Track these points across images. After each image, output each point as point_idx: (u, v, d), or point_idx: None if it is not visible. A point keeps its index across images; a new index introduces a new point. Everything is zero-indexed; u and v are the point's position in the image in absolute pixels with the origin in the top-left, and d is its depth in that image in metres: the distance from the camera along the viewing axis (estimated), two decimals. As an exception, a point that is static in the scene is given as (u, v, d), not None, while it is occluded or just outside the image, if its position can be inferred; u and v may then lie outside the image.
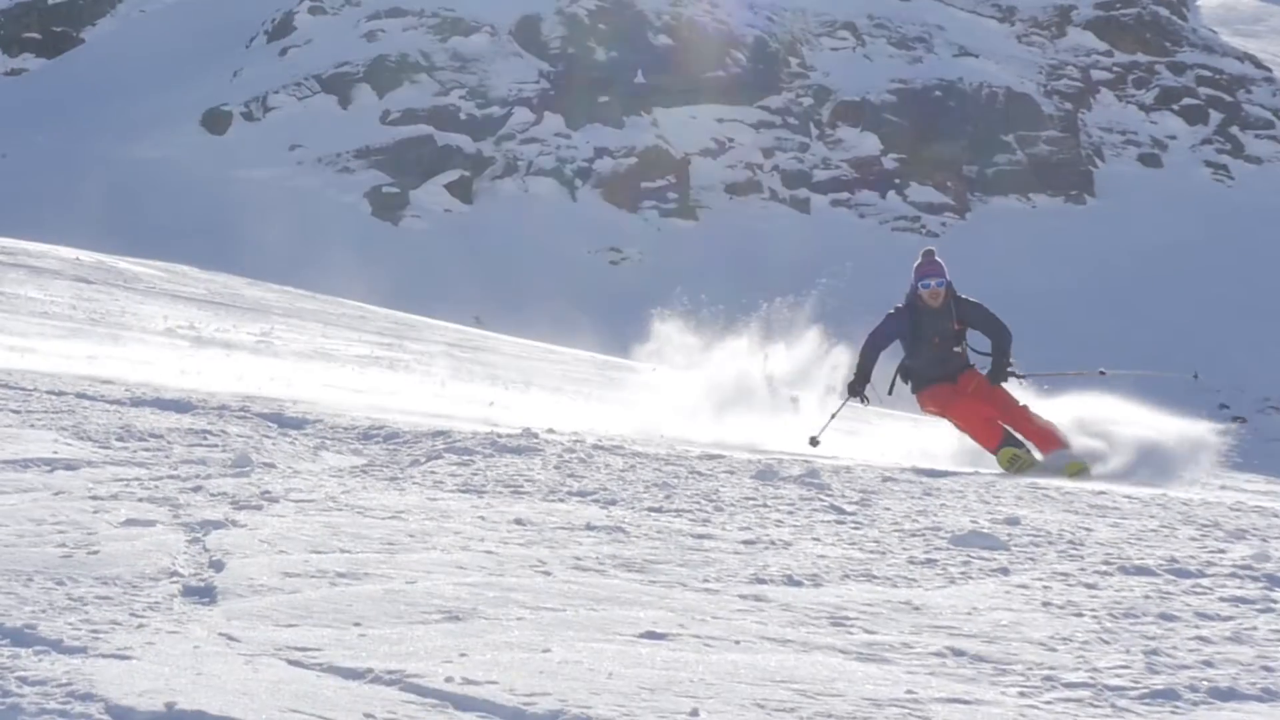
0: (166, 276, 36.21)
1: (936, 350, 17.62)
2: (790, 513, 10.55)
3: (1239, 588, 8.83)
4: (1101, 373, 20.16)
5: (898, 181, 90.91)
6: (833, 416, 19.02)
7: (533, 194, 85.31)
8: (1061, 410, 19.73)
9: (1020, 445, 17.84)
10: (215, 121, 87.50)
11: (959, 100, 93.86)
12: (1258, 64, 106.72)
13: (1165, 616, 8.11)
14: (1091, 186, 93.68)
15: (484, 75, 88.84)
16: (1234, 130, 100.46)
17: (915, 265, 18.15)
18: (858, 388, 18.25)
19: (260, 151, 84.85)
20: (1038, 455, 17.89)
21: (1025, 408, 18.26)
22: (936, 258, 18.03)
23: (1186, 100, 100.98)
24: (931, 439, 20.27)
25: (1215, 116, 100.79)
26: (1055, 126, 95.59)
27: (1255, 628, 7.93)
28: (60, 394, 13.02)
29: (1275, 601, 8.49)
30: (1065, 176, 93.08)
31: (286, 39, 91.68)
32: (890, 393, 18.84)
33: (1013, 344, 18.33)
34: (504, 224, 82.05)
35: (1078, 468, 17.30)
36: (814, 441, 18.44)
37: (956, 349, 17.87)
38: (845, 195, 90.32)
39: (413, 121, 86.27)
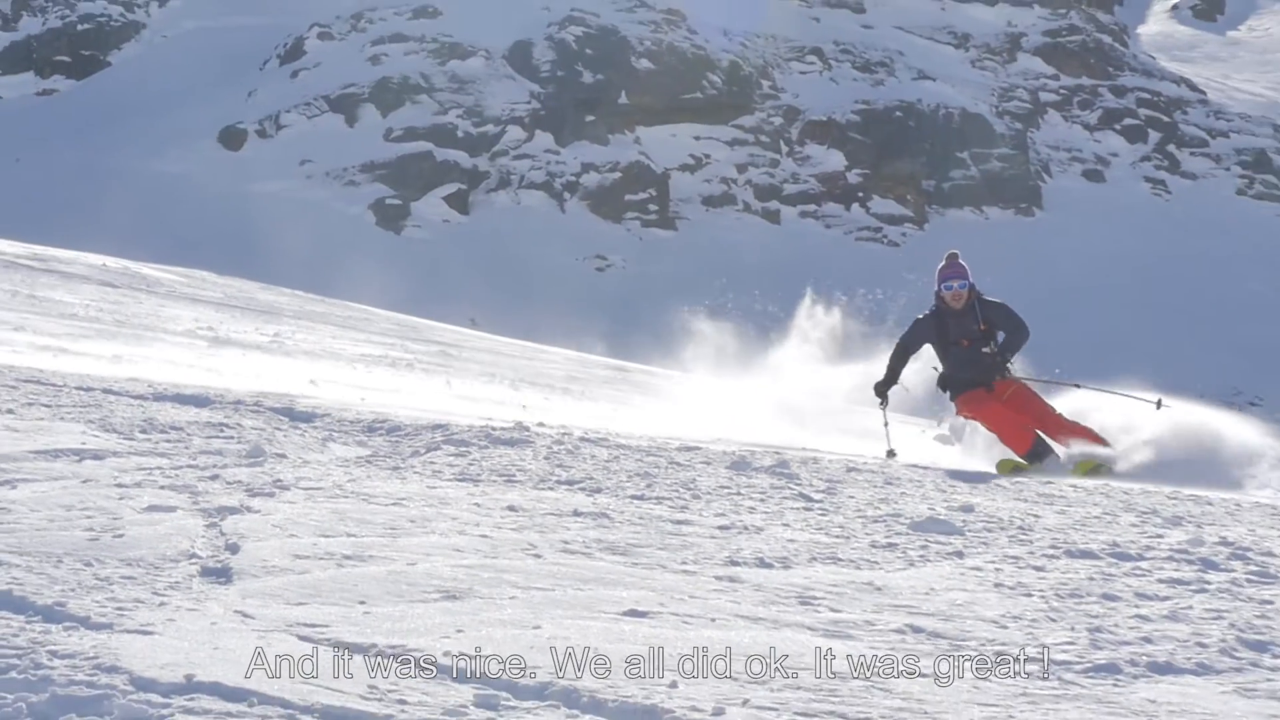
0: (186, 281, 36.14)
1: (966, 351, 16.76)
2: (762, 500, 10.54)
3: (1175, 570, 8.85)
4: (1160, 403, 18.14)
5: (861, 195, 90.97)
6: (885, 425, 17.97)
7: (524, 206, 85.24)
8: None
9: (1049, 452, 17.04)
10: (231, 138, 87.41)
11: (917, 120, 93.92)
12: (1193, 87, 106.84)
13: (1107, 596, 8.13)
14: (1040, 200, 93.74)
15: (479, 96, 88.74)
16: (1171, 148, 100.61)
17: (939, 268, 17.29)
18: (882, 389, 17.47)
19: (273, 166, 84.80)
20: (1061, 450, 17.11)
21: (1060, 415, 17.38)
22: (960, 260, 17.25)
23: (1127, 120, 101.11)
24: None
25: (1154, 136, 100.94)
26: (1006, 144, 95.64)
27: (1190, 607, 7.94)
28: (88, 390, 12.98)
29: (1209, 583, 8.50)
30: (1015, 191, 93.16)
31: (297, 62, 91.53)
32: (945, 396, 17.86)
33: (1027, 341, 17.67)
34: (498, 233, 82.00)
35: (1089, 466, 16.52)
36: (891, 454, 17.28)
37: (985, 349, 16.90)
38: (813, 207, 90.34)
39: (414, 139, 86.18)
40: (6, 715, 5.22)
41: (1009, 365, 17.62)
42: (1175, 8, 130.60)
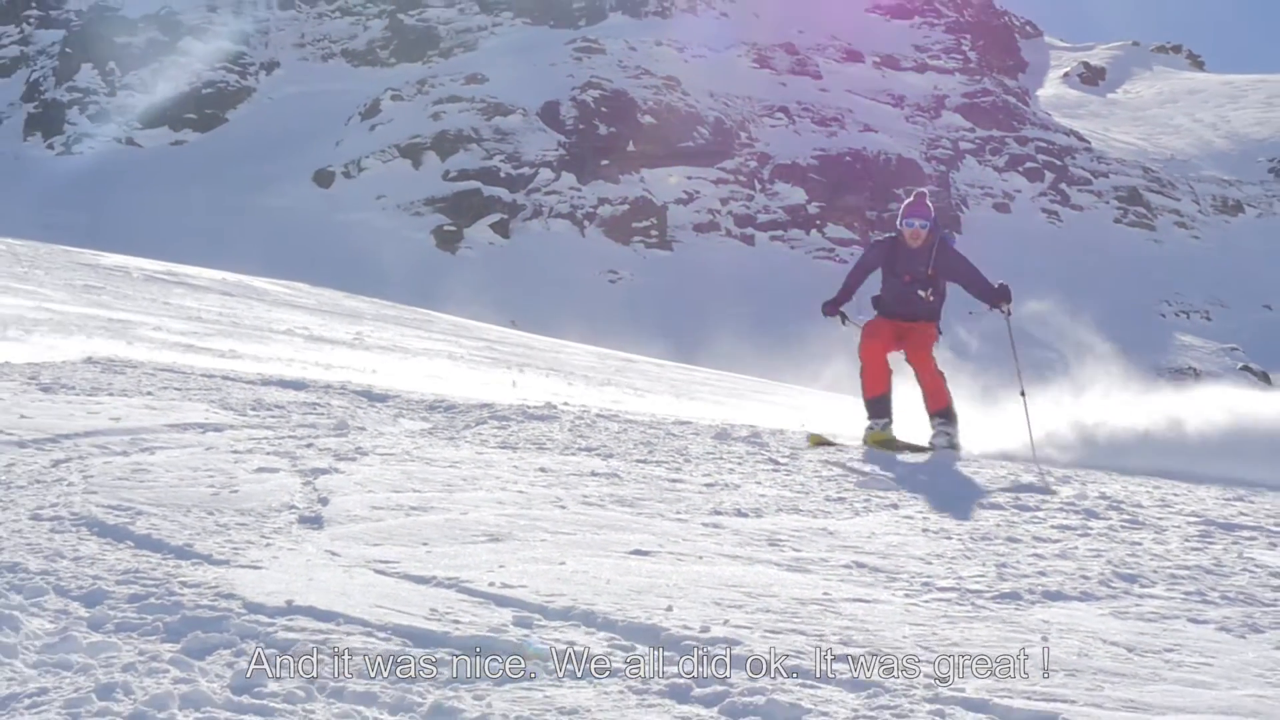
0: (287, 291, 36.01)
1: (904, 286, 13.53)
2: (739, 463, 10.50)
3: (1065, 519, 8.80)
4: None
5: (818, 223, 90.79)
6: (845, 322, 14.61)
7: (553, 232, 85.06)
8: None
9: (883, 417, 13.56)
10: (323, 178, 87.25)
11: (863, 163, 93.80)
12: (1080, 138, 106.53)
13: (1011, 539, 8.10)
14: (960, 226, 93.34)
15: (517, 145, 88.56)
16: (1063, 186, 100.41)
17: (905, 204, 14.15)
18: (830, 308, 14.19)
19: (355, 200, 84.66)
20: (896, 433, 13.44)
21: (933, 360, 13.75)
22: (927, 202, 14.11)
23: (1028, 164, 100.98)
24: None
25: (1049, 176, 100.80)
26: (933, 182, 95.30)
27: (1076, 547, 7.90)
28: (210, 376, 12.94)
29: (1091, 529, 8.46)
30: (940, 219, 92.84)
31: (375, 118, 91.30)
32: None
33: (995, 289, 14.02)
34: (532, 253, 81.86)
35: (880, 438, 13.26)
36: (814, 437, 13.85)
37: (923, 293, 13.63)
38: (780, 233, 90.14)
39: (465, 178, 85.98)
40: (146, 630, 5.22)
41: (1006, 313, 14.05)
42: (1066, 75, 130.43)
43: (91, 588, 5.75)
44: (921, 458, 12.18)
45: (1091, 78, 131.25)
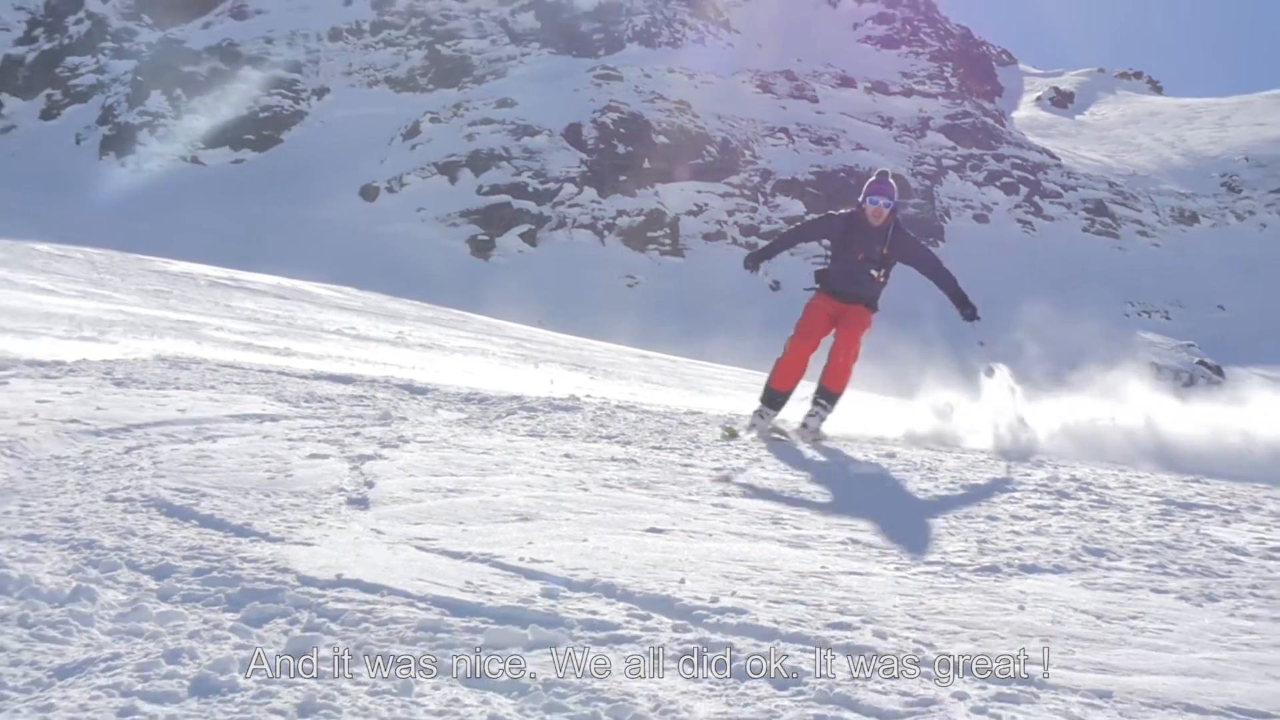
0: (336, 295, 36.04)
1: (857, 265, 11.97)
2: (745, 449, 10.51)
3: (1039, 499, 8.79)
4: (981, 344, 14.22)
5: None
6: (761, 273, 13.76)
7: (576, 241, 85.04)
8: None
9: (773, 412, 12.05)
10: (368, 193, 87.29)
11: (856, 179, 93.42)
12: (1051, 155, 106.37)
13: (990, 518, 8.09)
14: (943, 235, 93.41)
15: (544, 162, 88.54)
16: (1036, 199, 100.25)
17: (869, 182, 12.33)
18: (752, 262, 12.90)
19: (397, 212, 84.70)
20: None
21: (857, 345, 12.15)
22: (890, 180, 12.31)
23: (1004, 179, 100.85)
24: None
25: (1024, 189, 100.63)
26: (919, 195, 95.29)
27: (1049, 525, 7.90)
28: (266, 372, 12.94)
29: (1062, 508, 8.45)
30: (925, 228, 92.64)
31: (415, 139, 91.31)
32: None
33: (956, 283, 12.61)
34: (557, 260, 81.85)
35: (729, 434, 11.59)
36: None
37: (875, 273, 12.06)
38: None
39: (497, 193, 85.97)
40: (209, 601, 5.24)
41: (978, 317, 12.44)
42: (1038, 99, 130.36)
43: (160, 563, 5.78)
44: (908, 448, 12.03)
45: (1061, 101, 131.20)
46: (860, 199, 12.16)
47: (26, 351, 12.48)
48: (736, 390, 22.97)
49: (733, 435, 11.53)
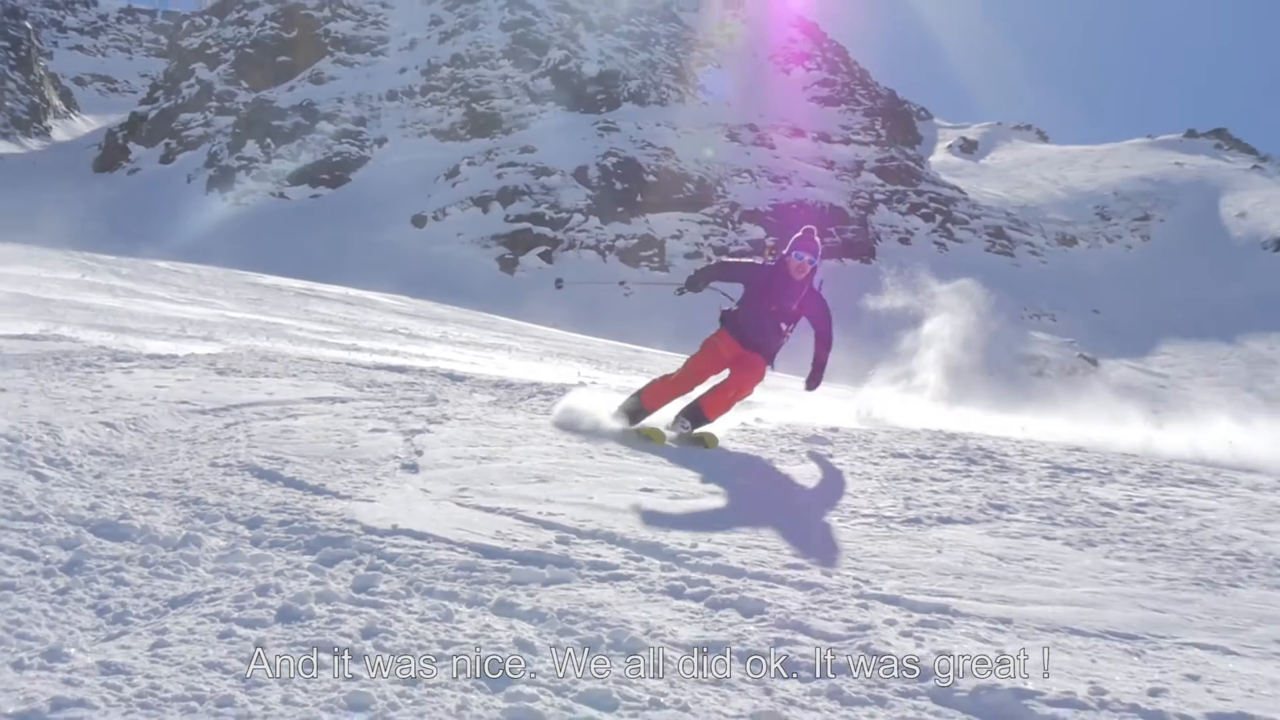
0: (393, 302, 36.06)
1: (768, 317, 10.10)
2: (722, 423, 10.53)
3: (953, 465, 8.80)
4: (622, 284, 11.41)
5: (772, 251, 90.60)
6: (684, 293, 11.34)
7: (583, 259, 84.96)
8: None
9: (632, 420, 9.87)
10: (418, 221, 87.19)
11: (805, 209, 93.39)
12: (960, 191, 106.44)
13: (914, 480, 8.10)
14: (875, 255, 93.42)
15: (558, 197, 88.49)
16: (948, 225, 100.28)
17: (795, 238, 10.44)
18: (692, 285, 10.59)
19: (441, 237, 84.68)
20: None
21: (747, 392, 10.20)
22: (815, 238, 10.51)
23: (923, 209, 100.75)
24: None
25: (938, 218, 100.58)
26: (856, 223, 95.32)
27: (961, 485, 7.91)
28: (337, 363, 12.91)
29: (971, 473, 8.46)
30: (860, 249, 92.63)
31: (455, 178, 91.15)
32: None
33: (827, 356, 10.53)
34: (567, 274, 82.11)
35: (648, 432, 9.68)
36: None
37: (784, 326, 10.21)
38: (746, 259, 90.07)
39: (521, 221, 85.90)
40: (291, 546, 5.33)
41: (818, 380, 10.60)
42: (949, 146, 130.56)
43: (252, 515, 5.82)
44: (850, 424, 11.99)
45: (967, 148, 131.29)
46: (785, 251, 10.34)
47: (148, 347, 12.51)
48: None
49: (649, 434, 9.48)
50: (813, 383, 10.35)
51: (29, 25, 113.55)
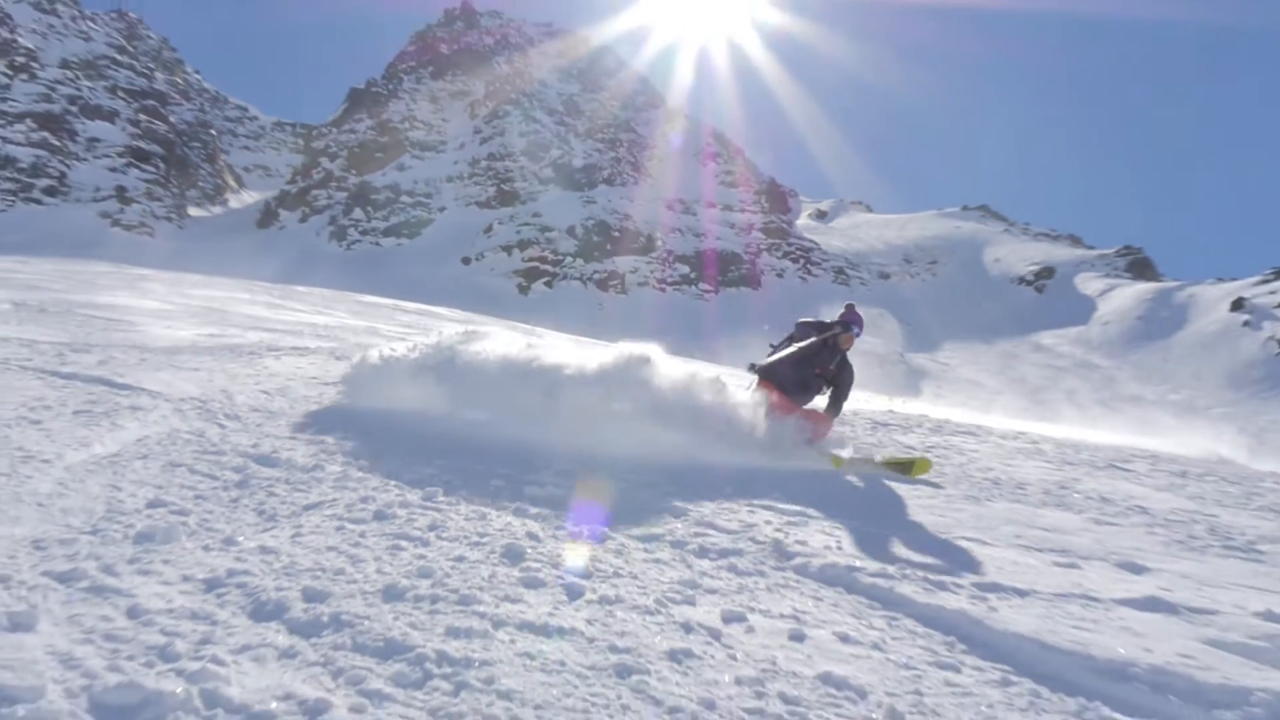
0: (449, 313, 35.86)
1: (814, 378, 7.64)
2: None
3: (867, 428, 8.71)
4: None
5: (694, 282, 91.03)
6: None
7: (572, 287, 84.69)
8: None
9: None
10: (466, 261, 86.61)
11: (717, 254, 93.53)
12: (815, 243, 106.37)
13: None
14: (760, 285, 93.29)
15: (556, 245, 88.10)
16: (808, 266, 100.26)
17: (846, 313, 7.79)
18: (767, 385, 7.60)
19: (481, 272, 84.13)
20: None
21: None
22: (857, 310, 8.02)
23: (791, 255, 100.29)
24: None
25: (802, 261, 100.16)
26: (747, 264, 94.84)
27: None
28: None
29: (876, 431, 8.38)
30: (751, 281, 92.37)
31: (490, 233, 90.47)
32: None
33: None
34: (563, 296, 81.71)
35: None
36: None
37: (821, 393, 7.71)
38: (679, 286, 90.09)
39: (531, 260, 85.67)
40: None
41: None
42: (809, 214, 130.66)
43: (353, 450, 5.70)
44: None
45: (820, 215, 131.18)
46: (837, 325, 7.62)
47: (290, 342, 12.44)
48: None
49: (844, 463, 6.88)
50: (831, 411, 7.53)
51: (214, 132, 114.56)
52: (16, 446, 4.90)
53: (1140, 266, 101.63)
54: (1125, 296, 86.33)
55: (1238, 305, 69.89)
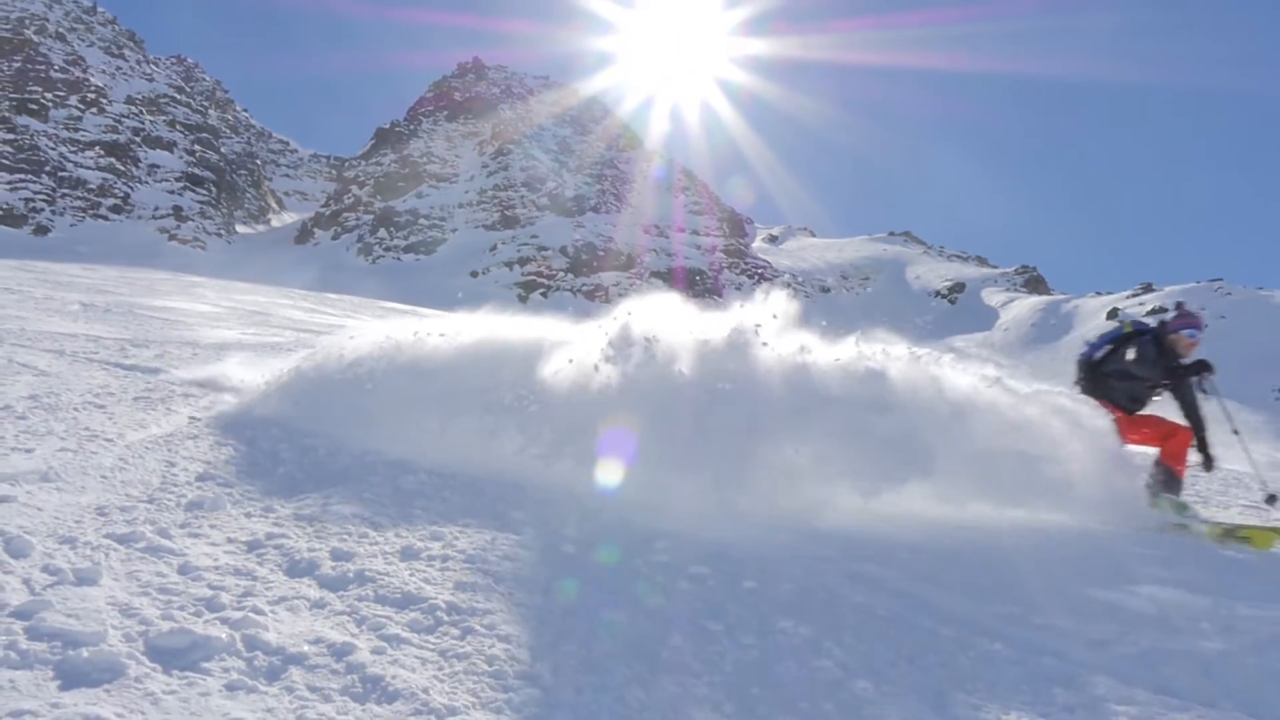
0: (462, 317, 35.61)
1: (1145, 391, 5.10)
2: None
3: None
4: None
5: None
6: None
7: (564, 297, 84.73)
8: None
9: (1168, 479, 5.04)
10: (473, 275, 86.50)
11: (686, 271, 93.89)
12: (768, 262, 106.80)
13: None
14: (722, 295, 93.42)
15: (551, 262, 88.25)
16: (763, 281, 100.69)
17: (1180, 314, 5.12)
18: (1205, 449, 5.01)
19: (487, 283, 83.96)
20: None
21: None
22: (1195, 310, 5.25)
23: (748, 272, 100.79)
24: None
25: (757, 276, 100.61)
26: (711, 278, 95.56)
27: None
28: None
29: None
30: (715, 293, 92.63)
31: (494, 251, 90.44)
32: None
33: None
34: (558, 305, 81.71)
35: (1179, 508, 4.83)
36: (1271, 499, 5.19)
37: (1155, 399, 5.15)
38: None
39: (530, 275, 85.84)
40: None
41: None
42: (763, 238, 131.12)
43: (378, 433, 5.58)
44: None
45: (772, 239, 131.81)
46: (1174, 328, 5.25)
47: (321, 340, 12.31)
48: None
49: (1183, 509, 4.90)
50: (1209, 464, 5.18)
51: (259, 161, 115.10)
52: (84, 427, 4.81)
53: (1035, 282, 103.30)
54: (1022, 307, 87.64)
55: (1112, 314, 71.21)
